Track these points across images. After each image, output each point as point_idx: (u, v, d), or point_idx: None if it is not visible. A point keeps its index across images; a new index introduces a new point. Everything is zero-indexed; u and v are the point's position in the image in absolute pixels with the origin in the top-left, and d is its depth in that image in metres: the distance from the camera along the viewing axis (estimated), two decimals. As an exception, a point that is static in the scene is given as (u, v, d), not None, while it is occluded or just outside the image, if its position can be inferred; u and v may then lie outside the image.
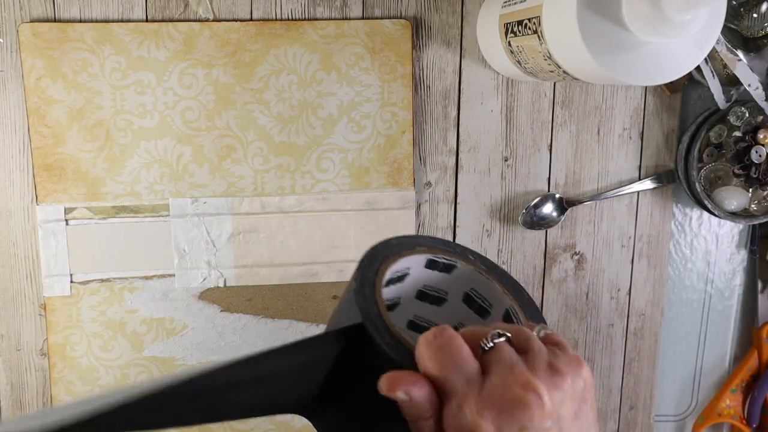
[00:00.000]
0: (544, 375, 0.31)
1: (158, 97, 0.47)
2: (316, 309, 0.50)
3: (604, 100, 0.51)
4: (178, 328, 0.50)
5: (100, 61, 0.46)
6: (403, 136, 0.49)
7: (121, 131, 0.47)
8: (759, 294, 0.56)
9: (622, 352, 0.55)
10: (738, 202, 0.51)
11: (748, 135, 0.50)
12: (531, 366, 0.30)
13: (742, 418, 0.57)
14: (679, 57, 0.35)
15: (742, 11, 0.47)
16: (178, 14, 0.47)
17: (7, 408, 0.50)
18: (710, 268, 0.56)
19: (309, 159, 0.49)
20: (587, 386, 0.32)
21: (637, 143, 0.52)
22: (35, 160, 0.47)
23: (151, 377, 0.50)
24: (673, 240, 0.55)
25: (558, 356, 0.31)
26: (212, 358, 0.50)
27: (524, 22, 0.39)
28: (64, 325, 0.49)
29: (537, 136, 0.51)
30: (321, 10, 0.48)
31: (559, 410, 0.30)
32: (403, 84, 0.48)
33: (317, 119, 0.48)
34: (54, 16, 0.46)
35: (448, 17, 0.49)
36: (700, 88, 0.52)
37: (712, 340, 0.57)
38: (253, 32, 0.47)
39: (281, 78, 0.48)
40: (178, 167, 0.48)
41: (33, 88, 0.46)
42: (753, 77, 0.48)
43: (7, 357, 0.50)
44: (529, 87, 0.50)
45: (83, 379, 0.49)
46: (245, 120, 0.48)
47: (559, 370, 0.31)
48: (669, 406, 0.58)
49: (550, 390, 0.30)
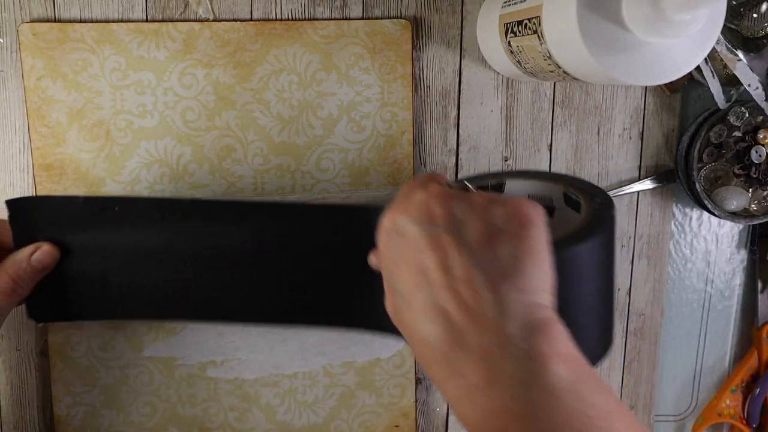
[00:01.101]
0: (455, 192, 0.33)
1: (158, 97, 0.47)
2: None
3: (604, 100, 0.51)
4: (178, 328, 0.50)
5: (100, 61, 0.46)
6: (403, 136, 0.49)
7: (121, 131, 0.47)
8: (759, 294, 0.56)
9: (622, 352, 0.55)
10: (738, 202, 0.51)
11: (748, 135, 0.50)
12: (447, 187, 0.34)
13: (742, 418, 0.57)
14: (679, 57, 0.35)
15: (742, 11, 0.47)
16: (178, 14, 0.47)
17: (7, 408, 0.50)
18: (710, 268, 0.56)
19: (309, 159, 0.49)
20: (513, 220, 0.31)
21: (637, 143, 0.52)
22: (35, 160, 0.47)
23: (151, 378, 0.50)
24: (673, 240, 0.55)
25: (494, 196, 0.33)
26: (212, 358, 0.50)
27: (524, 22, 0.39)
28: (64, 325, 0.49)
29: (537, 136, 0.51)
30: (321, 10, 0.48)
31: (458, 224, 0.31)
32: (403, 84, 0.48)
33: (317, 119, 0.48)
34: (54, 16, 0.46)
35: (448, 17, 0.49)
36: (700, 88, 0.52)
37: (712, 340, 0.57)
38: (253, 32, 0.47)
39: (281, 78, 0.48)
40: (178, 167, 0.48)
41: (33, 88, 0.46)
42: (753, 77, 0.48)
43: (7, 357, 0.50)
44: (529, 87, 0.50)
45: (83, 379, 0.49)
46: (245, 120, 0.48)
47: (474, 192, 0.33)
48: (669, 406, 0.58)
49: (448, 197, 0.32)
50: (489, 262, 0.30)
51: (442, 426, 0.54)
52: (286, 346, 0.50)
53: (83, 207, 0.42)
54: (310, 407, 0.51)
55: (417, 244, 0.31)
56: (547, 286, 0.31)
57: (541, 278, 0.30)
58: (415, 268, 0.31)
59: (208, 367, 0.50)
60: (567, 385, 0.28)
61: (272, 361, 0.50)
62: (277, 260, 0.43)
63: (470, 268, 0.30)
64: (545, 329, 0.29)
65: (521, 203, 0.32)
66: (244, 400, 0.51)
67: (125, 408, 0.50)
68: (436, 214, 0.31)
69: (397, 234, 0.32)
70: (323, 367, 0.51)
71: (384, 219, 0.34)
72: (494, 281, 0.29)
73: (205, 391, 0.50)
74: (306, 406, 0.51)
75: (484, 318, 0.29)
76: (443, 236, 0.30)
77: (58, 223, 0.42)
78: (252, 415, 0.51)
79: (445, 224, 0.31)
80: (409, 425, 0.52)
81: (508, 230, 0.31)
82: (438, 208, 0.32)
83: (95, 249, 0.43)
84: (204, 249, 0.43)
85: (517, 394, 0.28)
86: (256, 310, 0.45)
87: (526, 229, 0.31)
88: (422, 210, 0.32)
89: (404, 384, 0.52)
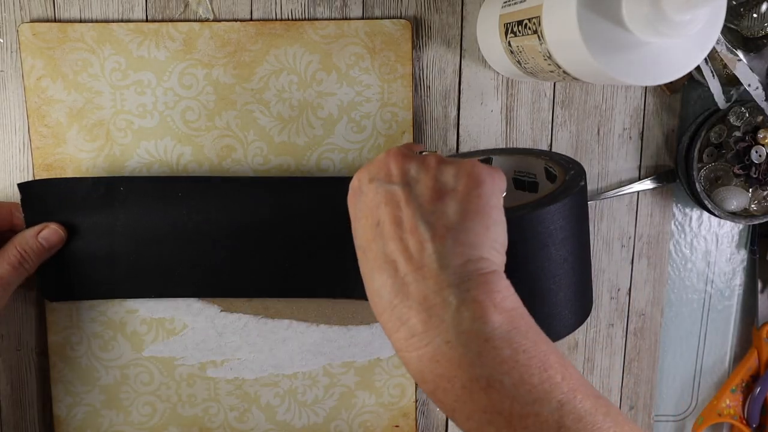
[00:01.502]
0: (412, 154, 0.35)
1: (158, 97, 0.47)
2: (317, 309, 0.50)
3: (604, 100, 0.51)
4: (178, 328, 0.50)
5: (100, 61, 0.46)
6: (403, 136, 0.49)
7: (121, 131, 0.47)
8: (759, 294, 0.56)
9: (622, 352, 0.55)
10: (738, 202, 0.51)
11: (748, 135, 0.50)
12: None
13: (742, 418, 0.57)
14: (679, 57, 0.35)
15: (742, 11, 0.47)
16: (178, 14, 0.47)
17: (7, 408, 0.50)
18: (710, 268, 0.56)
19: (309, 159, 0.49)
20: (463, 180, 0.33)
21: (637, 143, 0.52)
22: (35, 160, 0.47)
23: (152, 378, 0.50)
24: (673, 240, 0.55)
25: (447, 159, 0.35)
26: (212, 358, 0.50)
27: (524, 22, 0.39)
28: (64, 325, 0.49)
29: (537, 136, 0.51)
30: (321, 10, 0.48)
31: (411, 181, 0.33)
32: (403, 84, 0.48)
33: (317, 119, 0.48)
34: (54, 16, 0.46)
35: (448, 17, 0.49)
36: (700, 88, 0.52)
37: (712, 340, 0.57)
38: (253, 32, 0.47)
39: (281, 78, 0.48)
40: (178, 167, 0.48)
41: (33, 88, 0.46)
42: (753, 77, 0.48)
43: (7, 357, 0.50)
44: (529, 87, 0.50)
45: (83, 379, 0.49)
46: (245, 120, 0.48)
47: (430, 154, 0.35)
48: (669, 406, 0.58)
49: (405, 158, 0.35)
50: (436, 217, 0.32)
51: (442, 426, 0.54)
52: (286, 346, 0.50)
53: (91, 188, 0.45)
54: (310, 407, 0.51)
55: (374, 200, 0.34)
56: (495, 244, 0.32)
57: (488, 235, 0.32)
58: (371, 221, 0.33)
59: (208, 367, 0.50)
60: (502, 333, 0.30)
61: (272, 361, 0.50)
62: (276, 233, 0.47)
63: (417, 221, 0.32)
64: (483, 280, 0.31)
65: (473, 165, 0.34)
66: (244, 400, 0.51)
67: (125, 408, 0.50)
68: (393, 173, 0.34)
69: (360, 191, 0.35)
70: (323, 367, 0.51)
71: (352, 180, 0.36)
72: (439, 235, 0.31)
73: (205, 391, 0.50)
74: (306, 406, 0.51)
75: (426, 268, 0.31)
76: (397, 192, 0.33)
77: (68, 205, 0.45)
78: (252, 415, 0.51)
79: (399, 181, 0.33)
80: (409, 425, 0.52)
81: (458, 189, 0.33)
82: (394, 167, 0.34)
83: (103, 228, 0.46)
84: (206, 224, 0.46)
85: (454, 340, 0.30)
86: (257, 282, 0.48)
87: (474, 189, 0.33)
88: (381, 168, 0.35)
89: (404, 384, 0.52)
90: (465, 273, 0.31)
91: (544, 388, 0.29)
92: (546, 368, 0.29)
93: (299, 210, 0.46)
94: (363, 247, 0.34)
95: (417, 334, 0.31)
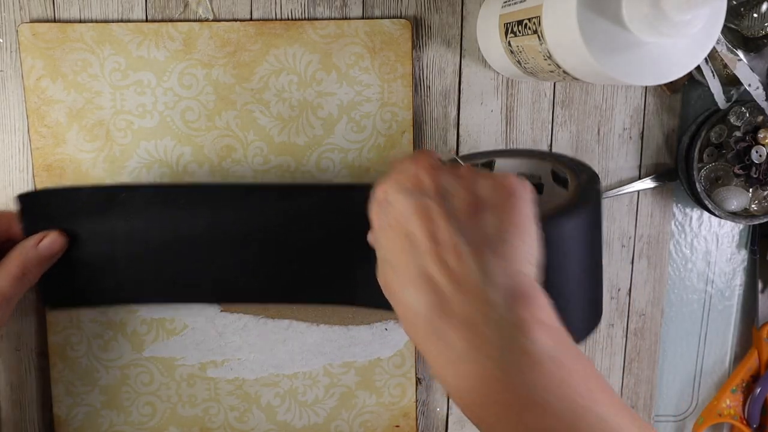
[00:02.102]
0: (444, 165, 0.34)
1: (158, 97, 0.47)
2: (317, 309, 0.50)
3: (604, 100, 0.51)
4: (178, 328, 0.50)
5: (100, 61, 0.46)
6: (403, 136, 0.49)
7: (121, 131, 0.47)
8: (759, 294, 0.56)
9: (622, 352, 0.55)
10: (738, 202, 0.51)
11: (748, 135, 0.50)
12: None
13: (742, 418, 0.57)
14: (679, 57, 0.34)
15: (742, 11, 0.47)
16: (178, 14, 0.47)
17: (7, 408, 0.50)
18: (710, 268, 0.56)
19: (309, 159, 0.49)
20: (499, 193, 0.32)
21: (637, 143, 0.52)
22: (35, 160, 0.47)
23: (152, 378, 0.50)
24: (673, 240, 0.55)
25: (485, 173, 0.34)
26: (212, 358, 0.50)
27: (524, 22, 0.39)
28: (64, 325, 0.49)
29: (537, 136, 0.51)
30: (321, 10, 0.48)
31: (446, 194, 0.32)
32: (403, 84, 0.48)
33: (317, 119, 0.48)
34: (54, 17, 0.46)
35: (448, 17, 0.49)
36: (700, 88, 0.52)
37: (712, 340, 0.57)
38: (252, 32, 0.47)
39: (281, 78, 0.48)
40: (178, 167, 0.48)
41: (33, 88, 0.46)
42: (753, 77, 0.48)
43: (6, 357, 0.50)
44: (529, 87, 0.50)
45: (83, 379, 0.49)
46: (245, 120, 0.48)
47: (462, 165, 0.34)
48: (669, 406, 0.58)
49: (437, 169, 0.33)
50: (474, 231, 0.31)
51: (442, 426, 0.54)
52: (286, 346, 0.50)
53: (90, 196, 0.45)
54: (311, 407, 0.51)
55: (405, 213, 0.32)
56: (531, 258, 0.31)
57: (525, 249, 0.31)
58: (403, 236, 0.32)
59: (208, 367, 0.50)
60: (548, 352, 0.29)
61: (272, 361, 0.50)
62: (280, 240, 0.46)
63: (456, 236, 0.31)
64: (528, 297, 0.30)
65: (508, 177, 0.33)
66: (244, 400, 0.51)
67: (125, 408, 0.50)
68: (425, 185, 0.33)
69: (388, 203, 0.34)
70: (323, 367, 0.51)
71: (376, 190, 0.35)
72: (479, 250, 0.30)
73: (205, 392, 0.50)
74: (306, 406, 0.51)
75: (468, 285, 0.30)
76: (431, 205, 0.32)
77: (67, 214, 0.45)
78: (252, 416, 0.51)
79: (433, 194, 0.32)
80: (410, 425, 0.52)
81: (494, 202, 0.32)
82: (427, 178, 0.33)
83: (104, 236, 0.45)
84: (208, 231, 0.45)
85: (499, 360, 0.28)
86: (260, 289, 0.47)
87: (511, 202, 0.32)
88: (412, 180, 0.33)
89: (404, 384, 0.52)
90: (508, 289, 0.30)
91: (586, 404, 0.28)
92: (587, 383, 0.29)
93: (305, 217, 0.46)
94: (390, 260, 0.33)
95: (460, 353, 0.29)
